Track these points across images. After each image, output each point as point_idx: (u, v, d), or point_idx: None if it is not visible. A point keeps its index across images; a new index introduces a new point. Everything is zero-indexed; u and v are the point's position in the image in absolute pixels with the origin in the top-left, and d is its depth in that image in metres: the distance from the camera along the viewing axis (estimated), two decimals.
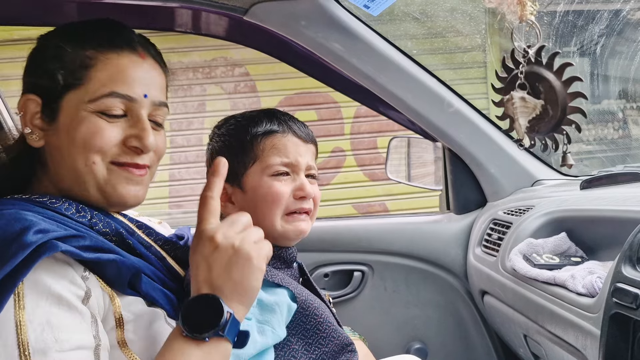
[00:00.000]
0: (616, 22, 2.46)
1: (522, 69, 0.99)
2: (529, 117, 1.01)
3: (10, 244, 0.72)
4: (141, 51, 0.90)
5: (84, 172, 0.86)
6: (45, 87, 0.87)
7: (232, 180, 0.99)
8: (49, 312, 0.72)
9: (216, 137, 1.06)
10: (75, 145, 0.85)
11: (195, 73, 4.95)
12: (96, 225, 0.85)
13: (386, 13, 1.23)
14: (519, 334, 1.32)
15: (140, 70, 0.89)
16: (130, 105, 0.87)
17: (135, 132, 0.87)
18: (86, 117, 0.85)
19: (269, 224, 0.98)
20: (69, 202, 0.86)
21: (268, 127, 1.01)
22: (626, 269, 0.87)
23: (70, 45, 0.87)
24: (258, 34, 1.39)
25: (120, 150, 0.87)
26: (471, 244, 1.61)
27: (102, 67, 0.86)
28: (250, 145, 1.00)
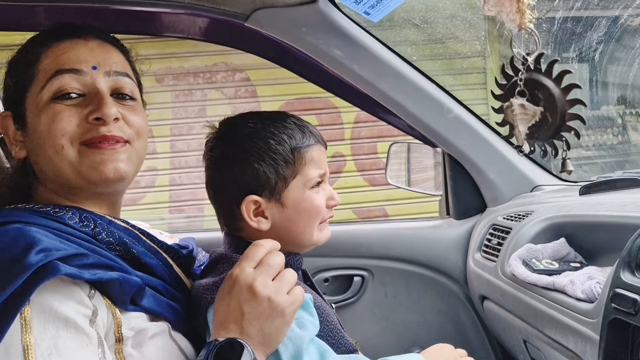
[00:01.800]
0: (615, 29, 2.48)
1: (522, 76, 1.00)
2: (528, 124, 1.01)
3: (13, 264, 0.71)
4: (85, 36, 0.90)
5: (57, 159, 0.85)
6: (9, 99, 0.90)
7: (269, 195, 0.94)
8: (56, 336, 0.71)
9: (236, 146, 0.95)
10: (41, 138, 0.86)
11: (196, 78, 4.96)
12: (99, 235, 0.84)
13: (386, 20, 1.24)
14: (519, 339, 1.32)
15: (83, 48, 0.89)
16: (83, 81, 0.87)
17: (92, 107, 0.86)
18: (44, 106, 0.86)
19: (307, 236, 0.98)
20: (73, 210, 0.85)
21: (307, 141, 0.97)
22: (625, 275, 0.87)
23: (20, 54, 0.91)
24: (259, 40, 1.40)
25: (84, 128, 0.86)
26: (471, 249, 1.62)
27: (45, 57, 0.88)
28: (292, 160, 0.94)
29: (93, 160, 0.86)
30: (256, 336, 0.77)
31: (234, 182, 0.94)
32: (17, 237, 0.75)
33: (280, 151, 0.94)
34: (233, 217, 0.95)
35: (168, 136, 4.76)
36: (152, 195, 4.60)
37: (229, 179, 0.95)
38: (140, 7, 1.26)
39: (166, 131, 4.75)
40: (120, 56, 0.94)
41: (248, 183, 0.93)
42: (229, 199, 0.95)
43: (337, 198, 1.01)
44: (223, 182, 0.96)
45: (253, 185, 0.93)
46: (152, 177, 4.70)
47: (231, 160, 0.95)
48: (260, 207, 0.94)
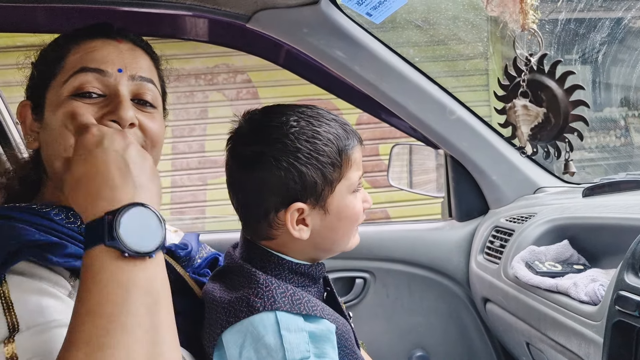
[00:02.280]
0: (618, 30, 2.47)
1: (524, 77, 0.99)
2: (531, 125, 1.01)
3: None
4: (118, 37, 0.89)
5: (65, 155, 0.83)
6: (31, 88, 0.90)
7: (314, 201, 0.85)
8: (38, 300, 0.70)
9: (302, 155, 0.84)
10: (54, 131, 0.83)
11: (197, 80, 4.96)
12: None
13: (388, 21, 1.23)
14: (522, 341, 1.32)
15: (114, 49, 0.87)
16: (106, 82, 0.84)
17: (111, 107, 0.84)
18: (63, 101, 0.84)
19: (343, 243, 0.92)
20: (60, 208, 0.83)
21: (351, 142, 0.88)
22: (629, 277, 0.87)
23: (50, 46, 0.90)
24: (261, 41, 1.40)
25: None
26: (473, 251, 1.61)
27: (74, 52, 0.86)
28: (339, 163, 0.86)
29: None
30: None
31: (274, 187, 0.84)
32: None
33: (328, 153, 0.85)
34: (267, 224, 0.86)
35: (169, 138, 4.76)
36: None
37: (267, 182, 0.84)
38: (141, 9, 1.26)
39: (167, 133, 4.73)
40: (149, 62, 0.92)
41: (292, 188, 0.84)
42: (265, 205, 0.85)
43: (371, 200, 0.94)
44: (258, 185, 0.85)
45: (298, 190, 0.84)
46: None
47: (270, 162, 0.83)
48: (304, 215, 0.85)
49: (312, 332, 0.81)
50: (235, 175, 0.89)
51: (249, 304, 0.80)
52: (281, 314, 0.80)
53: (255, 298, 0.81)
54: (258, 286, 0.82)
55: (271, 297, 0.81)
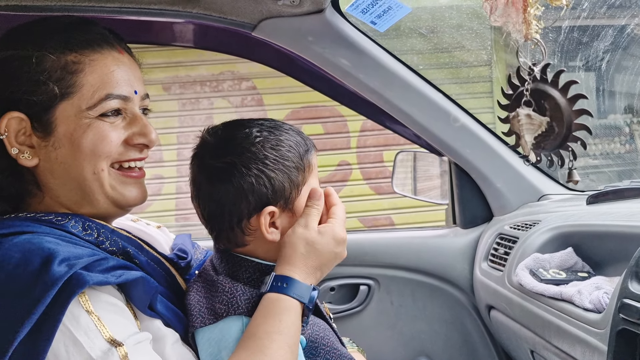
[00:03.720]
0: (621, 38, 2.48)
1: (528, 86, 1.00)
2: (534, 134, 1.01)
3: (36, 279, 0.70)
4: (118, 46, 0.89)
5: (91, 180, 0.85)
6: (31, 102, 0.82)
7: (283, 205, 0.91)
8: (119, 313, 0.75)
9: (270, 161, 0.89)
10: (82, 154, 0.84)
11: (202, 87, 4.98)
12: (103, 244, 0.83)
13: (393, 29, 1.24)
14: (526, 349, 1.32)
15: (124, 67, 0.88)
16: (125, 105, 0.87)
17: (137, 129, 0.88)
18: (90, 123, 0.84)
19: None
20: (75, 219, 0.84)
21: (309, 147, 0.95)
22: (633, 285, 0.87)
23: (49, 52, 0.83)
24: (266, 49, 1.41)
25: (123, 149, 0.87)
26: (477, 258, 1.61)
27: (90, 70, 0.84)
28: (302, 166, 0.92)
29: (126, 189, 0.89)
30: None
31: (247, 194, 0.88)
32: (29, 249, 0.73)
33: (292, 158, 0.91)
34: (240, 231, 0.90)
35: (175, 144, 4.78)
36: (159, 203, 4.61)
37: (240, 190, 0.88)
38: (148, 17, 1.27)
39: (173, 139, 4.76)
40: (139, 71, 0.94)
41: (264, 193, 0.88)
42: (238, 212, 0.89)
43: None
44: (231, 194, 0.89)
45: (269, 195, 0.89)
46: (158, 185, 4.71)
47: (241, 170, 0.88)
48: (274, 218, 0.90)
49: None
50: (205, 187, 0.92)
51: (214, 310, 0.85)
52: (247, 320, 0.85)
53: (220, 305, 0.86)
54: (223, 293, 0.87)
55: (235, 303, 0.85)
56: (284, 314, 0.83)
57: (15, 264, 0.72)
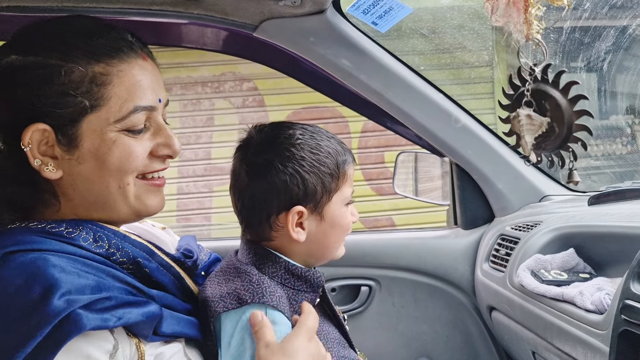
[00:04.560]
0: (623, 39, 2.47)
1: (529, 87, 1.00)
2: (535, 135, 1.01)
3: (33, 310, 0.69)
4: (142, 53, 0.86)
5: (117, 193, 0.83)
6: (57, 114, 0.79)
7: (313, 207, 0.93)
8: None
9: (306, 164, 0.92)
10: (108, 171, 0.82)
11: (204, 87, 4.99)
12: (113, 256, 0.82)
13: (394, 30, 1.24)
14: (528, 350, 1.31)
15: (149, 74, 0.85)
16: (151, 115, 0.85)
17: (161, 140, 0.86)
18: (116, 138, 0.81)
19: (332, 250, 0.99)
20: (86, 229, 0.82)
21: (347, 157, 0.98)
22: (634, 286, 0.87)
23: (77, 64, 0.79)
24: (267, 50, 1.41)
25: (148, 161, 0.86)
26: (479, 259, 1.61)
27: (118, 82, 0.81)
28: (337, 174, 0.95)
29: (149, 198, 0.87)
30: None
31: (280, 191, 0.91)
32: (33, 273, 0.72)
33: (329, 164, 0.94)
34: (267, 226, 0.93)
35: None
36: None
37: (274, 186, 0.91)
38: (149, 18, 1.27)
39: None
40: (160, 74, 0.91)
41: (295, 193, 0.92)
42: (268, 207, 0.92)
43: (357, 215, 1.03)
44: (265, 189, 0.92)
45: (300, 195, 0.92)
46: None
47: (279, 169, 0.91)
48: (302, 218, 0.93)
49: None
50: (243, 180, 0.95)
51: (239, 297, 0.86)
52: (271, 310, 0.86)
53: (245, 292, 0.87)
54: (250, 283, 0.88)
55: (260, 292, 0.87)
56: None
57: (17, 287, 0.71)
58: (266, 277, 0.91)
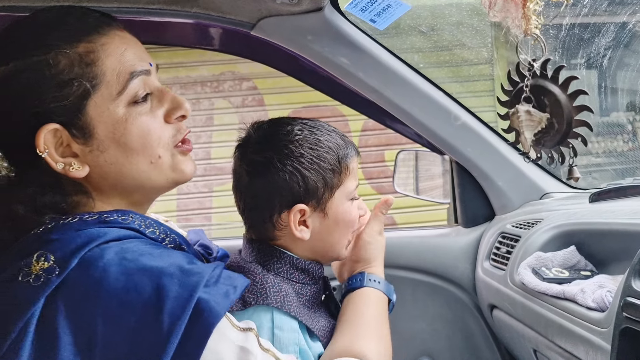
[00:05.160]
0: (623, 35, 2.46)
1: (528, 82, 0.99)
2: (534, 131, 1.01)
3: (154, 312, 0.67)
4: (115, 25, 0.84)
5: (150, 170, 0.82)
6: (61, 107, 0.76)
7: (315, 204, 0.92)
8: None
9: (306, 160, 0.91)
10: (133, 150, 0.79)
11: (203, 87, 4.99)
12: (164, 241, 0.81)
13: (392, 27, 1.23)
14: (529, 349, 1.31)
15: (131, 42, 0.83)
16: (147, 81, 0.82)
17: (169, 104, 0.84)
18: (127, 117, 0.78)
19: (338, 248, 0.98)
20: (135, 216, 0.81)
21: (348, 150, 0.96)
22: (636, 283, 0.86)
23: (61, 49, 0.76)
24: (265, 48, 1.41)
25: (172, 130, 0.84)
26: (479, 257, 1.60)
27: (105, 55, 0.78)
28: (339, 169, 0.93)
29: (186, 164, 0.86)
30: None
31: (281, 190, 0.90)
32: (131, 269, 0.69)
33: (329, 160, 0.92)
34: (271, 225, 0.92)
35: None
36: (160, 204, 4.57)
37: (274, 185, 0.91)
38: (146, 17, 1.27)
39: None
40: None
41: (296, 191, 0.90)
42: (270, 206, 0.92)
43: (366, 208, 1.03)
44: (265, 188, 0.91)
45: (302, 193, 0.91)
46: None
47: (278, 167, 0.90)
48: (305, 216, 0.92)
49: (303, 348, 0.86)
50: (244, 179, 0.94)
51: (243, 298, 0.85)
52: (277, 313, 0.85)
53: (249, 294, 0.86)
54: (253, 283, 0.87)
55: (264, 294, 0.86)
56: (381, 304, 0.95)
57: (124, 289, 0.68)
58: (271, 274, 0.90)
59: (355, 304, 0.93)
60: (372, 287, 0.96)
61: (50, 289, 0.67)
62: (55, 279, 0.67)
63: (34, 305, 0.66)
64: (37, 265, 0.69)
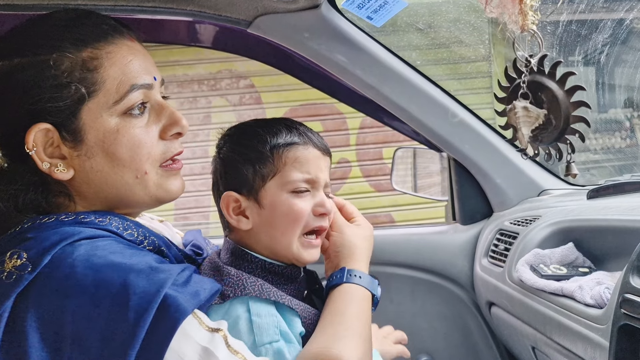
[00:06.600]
0: (620, 31, 2.46)
1: (525, 78, 0.99)
2: (531, 127, 1.00)
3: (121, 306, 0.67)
4: (128, 35, 0.84)
5: (134, 184, 0.82)
6: (56, 109, 0.77)
7: (247, 193, 0.93)
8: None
9: (228, 145, 0.96)
10: (121, 162, 0.80)
11: (200, 85, 4.98)
12: (142, 243, 0.81)
13: (389, 24, 1.23)
14: (527, 346, 1.31)
15: (139, 54, 0.84)
16: (148, 94, 0.83)
17: (166, 120, 0.84)
18: (119, 127, 0.79)
19: (286, 243, 0.93)
20: (114, 218, 0.81)
21: (289, 139, 0.94)
22: (634, 280, 0.86)
23: (65, 52, 0.77)
24: (262, 46, 1.40)
25: (163, 147, 0.84)
26: (477, 254, 1.60)
27: (109, 64, 0.79)
28: (271, 157, 0.92)
29: (172, 183, 0.86)
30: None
31: (222, 181, 0.96)
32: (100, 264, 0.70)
33: (260, 149, 0.93)
34: (223, 217, 0.96)
35: None
36: None
37: (220, 178, 0.96)
38: (142, 15, 1.26)
39: None
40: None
41: (231, 181, 0.94)
42: (218, 199, 0.96)
43: (329, 207, 0.96)
44: (216, 182, 0.98)
45: (234, 183, 0.93)
46: None
47: (223, 162, 0.96)
48: (241, 206, 0.93)
49: (284, 330, 0.85)
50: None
51: (221, 292, 0.85)
52: (252, 302, 0.85)
53: (227, 287, 0.86)
54: (229, 277, 0.88)
55: (241, 285, 0.86)
56: (363, 300, 0.92)
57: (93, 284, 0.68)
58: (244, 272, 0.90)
59: (336, 302, 0.90)
60: (353, 283, 0.94)
61: (22, 287, 0.68)
62: (28, 276, 0.69)
63: (3, 304, 0.67)
64: (9, 263, 0.70)
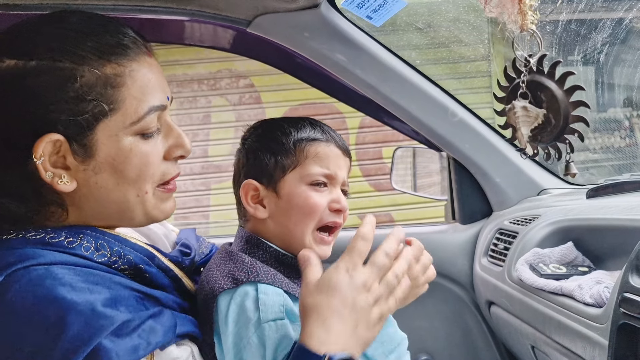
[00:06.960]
0: (619, 31, 2.47)
1: (524, 78, 0.99)
2: (531, 126, 1.00)
3: (51, 340, 0.65)
4: (146, 49, 0.81)
5: (135, 202, 0.80)
6: (72, 122, 0.73)
7: (266, 183, 0.95)
8: None
9: (253, 137, 1.00)
10: (127, 180, 0.78)
11: (200, 85, 4.98)
12: (115, 264, 0.78)
13: (389, 24, 1.23)
14: (527, 345, 1.31)
15: (156, 72, 0.81)
16: (162, 115, 0.81)
17: (173, 141, 0.82)
18: (132, 146, 0.77)
19: (300, 235, 0.94)
20: (87, 237, 0.78)
21: (312, 134, 0.97)
22: (633, 279, 0.86)
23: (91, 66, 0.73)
24: (262, 45, 1.40)
25: (164, 168, 0.82)
26: (477, 254, 1.60)
27: (131, 82, 0.76)
28: (293, 150, 0.95)
29: (167, 204, 0.85)
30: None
31: (243, 170, 0.98)
32: (44, 296, 0.67)
33: (283, 141, 0.96)
34: (241, 206, 0.98)
35: None
36: None
37: (242, 167, 0.99)
38: (142, 15, 1.27)
39: None
40: None
41: (252, 170, 0.97)
42: (238, 188, 0.98)
43: (344, 204, 0.98)
44: (237, 172, 1.00)
45: (255, 171, 0.96)
46: None
47: (247, 152, 0.99)
48: (260, 195, 0.96)
49: (290, 308, 0.85)
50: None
51: (234, 277, 0.87)
52: (262, 284, 0.85)
53: (239, 272, 0.87)
54: (243, 264, 0.89)
55: (254, 272, 0.87)
56: None
57: (27, 308, 0.67)
58: (258, 261, 0.91)
59: None
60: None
61: None
62: None
63: None
64: None
